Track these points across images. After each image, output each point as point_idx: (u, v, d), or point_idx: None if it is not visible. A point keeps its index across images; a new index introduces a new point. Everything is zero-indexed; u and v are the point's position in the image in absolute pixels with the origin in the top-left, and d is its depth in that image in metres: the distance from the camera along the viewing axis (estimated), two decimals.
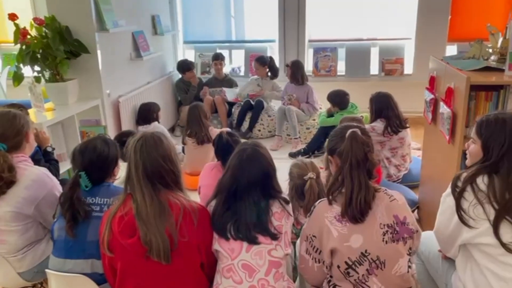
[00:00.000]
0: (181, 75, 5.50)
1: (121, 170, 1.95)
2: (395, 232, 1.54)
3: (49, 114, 3.39)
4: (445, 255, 1.81)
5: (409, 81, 5.41)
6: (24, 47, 3.41)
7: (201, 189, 2.67)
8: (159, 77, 5.29)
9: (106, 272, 1.70)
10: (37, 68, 3.51)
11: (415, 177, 3.48)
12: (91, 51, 3.70)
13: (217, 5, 5.98)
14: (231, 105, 5.41)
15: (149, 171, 1.59)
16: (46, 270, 1.77)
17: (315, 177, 2.22)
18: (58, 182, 2.12)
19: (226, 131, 2.79)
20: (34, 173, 2.01)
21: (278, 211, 1.66)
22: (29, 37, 3.39)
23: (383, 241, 1.52)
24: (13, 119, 2.06)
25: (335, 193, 1.61)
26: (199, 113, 3.91)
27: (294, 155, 4.44)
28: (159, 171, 1.61)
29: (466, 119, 2.23)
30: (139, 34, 4.66)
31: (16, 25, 3.36)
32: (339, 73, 5.70)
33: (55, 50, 3.41)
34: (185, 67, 5.41)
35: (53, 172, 2.38)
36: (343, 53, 5.67)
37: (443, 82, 2.59)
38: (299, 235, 1.78)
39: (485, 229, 1.52)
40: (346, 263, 1.51)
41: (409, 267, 1.57)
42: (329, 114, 4.50)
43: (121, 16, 4.17)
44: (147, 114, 4.47)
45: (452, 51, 5.24)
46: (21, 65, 3.46)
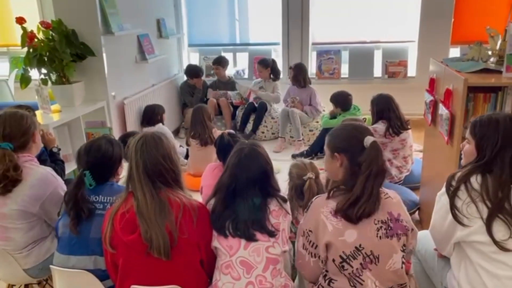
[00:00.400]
0: (186, 78, 5.56)
1: (125, 169, 1.99)
2: (389, 228, 1.56)
3: (56, 115, 3.44)
4: (441, 253, 1.83)
5: (413, 84, 5.42)
6: (31, 50, 3.47)
7: (203, 189, 2.70)
8: (164, 79, 5.34)
9: (108, 268, 1.74)
10: (44, 70, 3.57)
11: (417, 179, 3.47)
12: (97, 54, 3.75)
13: (221, 9, 6.04)
14: (235, 107, 5.47)
15: (149, 170, 1.63)
16: (50, 266, 1.81)
17: (314, 177, 2.25)
18: (62, 181, 2.17)
19: (227, 132, 2.83)
20: (39, 172, 2.06)
21: (275, 209, 1.69)
22: (36, 40, 3.44)
23: (377, 236, 1.54)
24: (20, 119, 2.10)
25: (336, 192, 1.61)
26: (202, 115, 3.96)
27: (297, 157, 4.48)
28: (159, 169, 1.65)
29: (464, 120, 2.25)
30: (144, 37, 4.72)
31: (23, 29, 3.41)
32: (342, 76, 5.73)
33: (62, 53, 3.47)
34: (194, 73, 5.45)
35: (59, 172, 2.43)
36: (346, 55, 5.70)
37: (442, 84, 2.61)
38: None
39: (478, 227, 1.55)
40: (340, 256, 1.54)
41: (403, 263, 1.59)
42: (331, 116, 4.54)
43: (127, 19, 4.23)
44: (151, 116, 4.51)
45: (455, 53, 5.24)
46: (29, 68, 3.51)
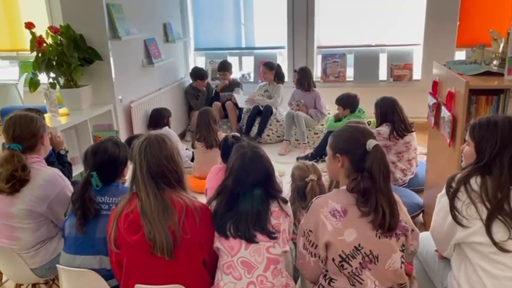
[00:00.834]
0: (191, 81, 5.61)
1: (130, 171, 2.03)
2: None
3: (64, 118, 3.49)
4: (441, 254, 1.84)
5: (418, 87, 5.41)
6: (40, 55, 3.53)
7: (208, 191, 2.72)
8: (170, 83, 5.39)
9: (113, 267, 1.78)
10: (52, 74, 3.63)
11: (421, 181, 3.47)
12: (104, 58, 3.80)
13: (227, 13, 6.09)
14: (241, 110, 5.51)
15: (153, 171, 1.67)
16: (57, 265, 1.85)
17: (316, 179, 2.27)
18: (69, 182, 2.21)
19: (232, 135, 2.85)
20: (47, 173, 2.11)
21: (276, 210, 1.72)
22: (45, 45, 3.50)
23: (376, 236, 1.56)
24: (30, 121, 2.15)
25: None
26: (208, 118, 4.00)
27: (301, 160, 4.49)
28: (162, 170, 1.68)
29: (466, 122, 2.25)
30: (151, 41, 4.78)
31: (32, 34, 3.47)
32: (348, 79, 5.74)
33: (70, 57, 3.52)
34: (198, 75, 5.52)
35: (66, 174, 2.47)
36: (351, 59, 5.71)
37: (444, 86, 2.62)
38: None
39: (478, 228, 1.56)
40: (340, 256, 1.56)
41: (402, 263, 1.61)
42: (336, 118, 4.55)
43: (134, 24, 4.29)
44: (158, 119, 4.55)
45: (461, 57, 5.21)
46: (37, 72, 3.58)
